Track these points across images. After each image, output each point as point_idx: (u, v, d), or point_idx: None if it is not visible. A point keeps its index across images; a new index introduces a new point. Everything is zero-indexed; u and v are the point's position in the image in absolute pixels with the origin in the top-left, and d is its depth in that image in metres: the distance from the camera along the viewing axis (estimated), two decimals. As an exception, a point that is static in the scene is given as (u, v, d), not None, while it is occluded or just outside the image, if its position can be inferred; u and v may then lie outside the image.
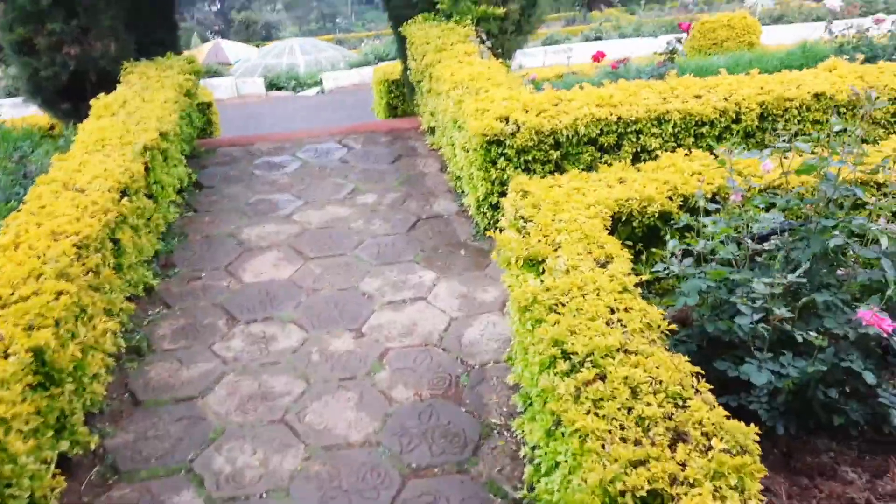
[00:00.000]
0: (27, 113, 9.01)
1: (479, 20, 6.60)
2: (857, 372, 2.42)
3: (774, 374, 2.45)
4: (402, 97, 8.51)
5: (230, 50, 23.21)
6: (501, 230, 3.33)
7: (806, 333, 2.39)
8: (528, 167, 4.34)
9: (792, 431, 2.55)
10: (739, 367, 2.51)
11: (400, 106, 8.61)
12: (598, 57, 6.49)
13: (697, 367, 2.23)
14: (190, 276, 4.52)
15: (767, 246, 2.71)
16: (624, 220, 3.41)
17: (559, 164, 4.37)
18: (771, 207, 2.97)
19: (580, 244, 2.87)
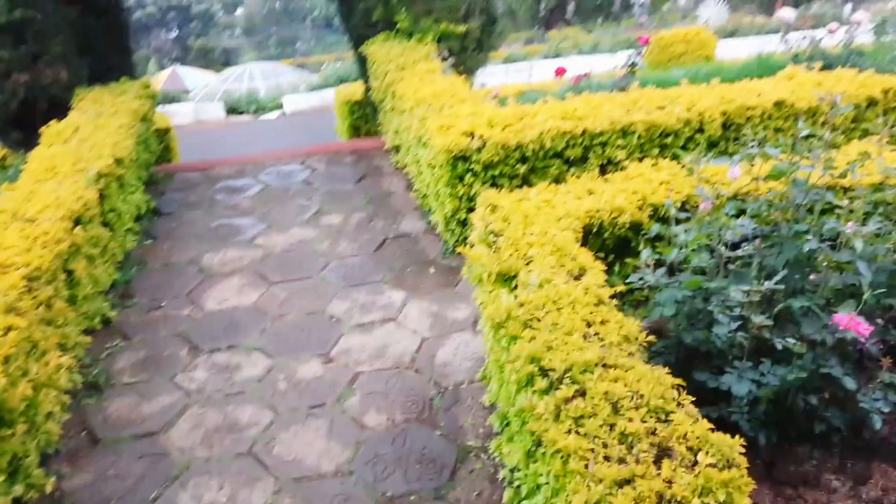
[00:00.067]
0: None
1: (440, 38, 6.59)
2: (835, 378, 2.39)
3: (754, 383, 2.40)
4: (365, 118, 8.46)
5: (188, 76, 23.10)
6: (472, 246, 3.26)
7: (785, 341, 2.35)
8: (495, 182, 4.29)
9: (773, 441, 2.51)
10: (719, 377, 2.46)
11: (363, 127, 8.55)
12: (560, 72, 6.52)
13: (677, 378, 2.18)
14: (150, 305, 4.36)
15: (740, 253, 2.68)
16: (595, 231, 3.37)
17: (526, 178, 4.33)
18: (741, 214, 2.95)
19: (552, 257, 2.81)
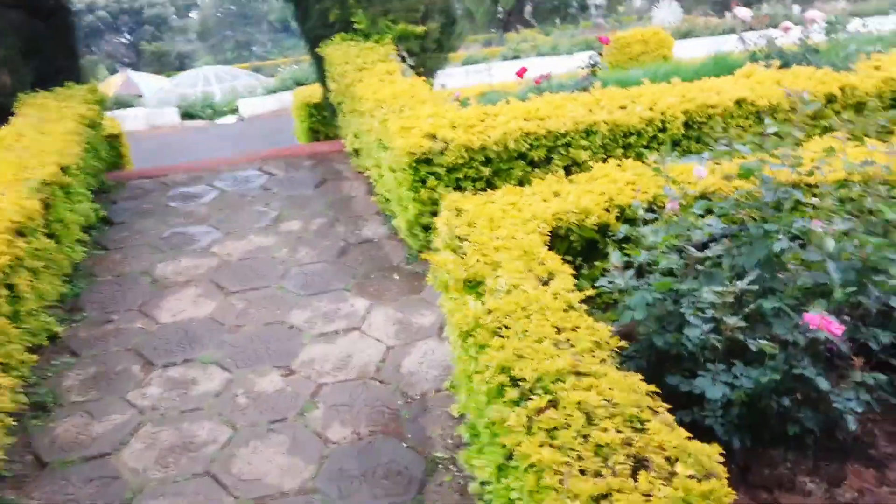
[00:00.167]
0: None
1: (399, 39, 6.48)
2: (808, 378, 2.36)
3: (728, 385, 2.35)
4: (323, 120, 8.30)
5: (141, 81, 22.59)
6: (436, 251, 3.16)
7: (758, 342, 2.31)
8: (459, 185, 4.20)
9: (747, 444, 2.47)
10: (692, 381, 2.41)
11: (322, 130, 8.40)
12: (521, 73, 6.45)
13: (650, 384, 2.11)
14: (100, 319, 4.17)
15: (710, 253, 2.63)
16: (562, 234, 3.30)
17: (490, 180, 4.25)
18: (708, 213, 2.91)
19: (520, 262, 2.73)
